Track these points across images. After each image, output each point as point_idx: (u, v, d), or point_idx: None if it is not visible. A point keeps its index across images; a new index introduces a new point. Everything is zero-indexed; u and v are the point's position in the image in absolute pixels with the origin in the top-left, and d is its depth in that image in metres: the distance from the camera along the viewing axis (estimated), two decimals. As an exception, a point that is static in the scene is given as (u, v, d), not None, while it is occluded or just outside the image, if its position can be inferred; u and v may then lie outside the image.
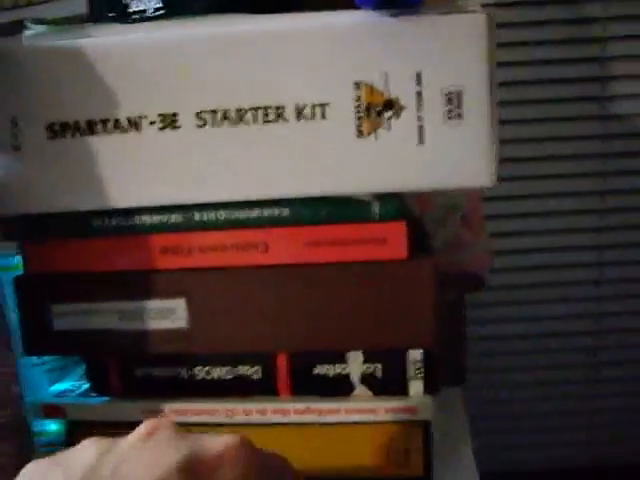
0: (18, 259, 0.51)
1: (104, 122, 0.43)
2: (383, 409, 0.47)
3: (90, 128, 0.43)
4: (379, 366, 0.47)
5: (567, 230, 1.41)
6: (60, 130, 0.43)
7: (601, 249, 1.42)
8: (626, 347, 1.45)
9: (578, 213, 1.41)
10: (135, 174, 0.44)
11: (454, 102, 0.41)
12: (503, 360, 1.46)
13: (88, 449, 0.30)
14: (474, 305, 1.30)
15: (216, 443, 0.30)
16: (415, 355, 0.46)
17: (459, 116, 0.42)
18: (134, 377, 0.49)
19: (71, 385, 0.53)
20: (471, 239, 0.77)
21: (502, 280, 1.38)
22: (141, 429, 0.31)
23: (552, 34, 1.32)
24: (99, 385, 0.50)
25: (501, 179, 0.43)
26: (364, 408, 0.47)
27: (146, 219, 0.45)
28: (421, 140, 0.42)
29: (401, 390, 0.47)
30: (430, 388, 0.47)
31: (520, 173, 1.35)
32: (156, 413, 0.48)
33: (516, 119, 1.31)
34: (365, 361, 0.47)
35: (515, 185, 1.36)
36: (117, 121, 0.43)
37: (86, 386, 0.52)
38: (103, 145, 0.43)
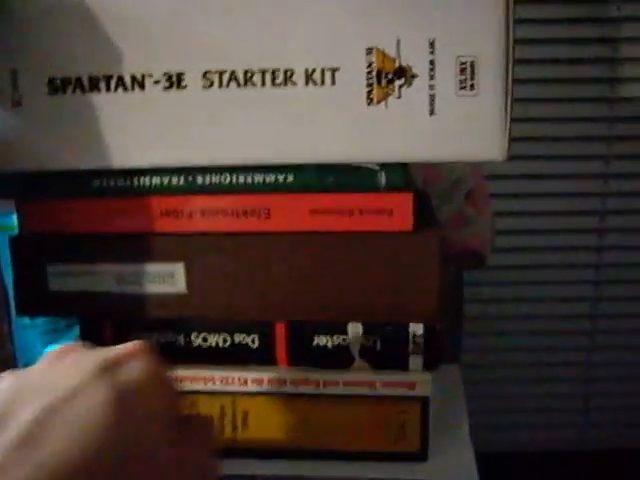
0: (16, 218, 0.50)
1: (107, 79, 0.42)
2: (381, 383, 0.46)
3: (92, 85, 0.42)
4: (379, 339, 0.46)
5: (568, 212, 1.40)
6: (61, 85, 0.42)
7: (601, 232, 1.41)
8: (624, 331, 1.45)
9: (580, 195, 1.40)
10: (138, 134, 0.42)
11: (467, 72, 0.40)
12: (501, 340, 1.46)
13: (5, 378, 0.31)
14: (474, 284, 1.30)
15: (123, 346, 0.34)
16: (416, 329, 0.46)
17: (472, 87, 0.41)
18: (129, 341, 0.48)
19: (65, 347, 0.53)
20: (475, 216, 0.77)
21: (502, 260, 1.38)
22: (51, 352, 0.34)
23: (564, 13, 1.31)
24: (93, 348, 0.49)
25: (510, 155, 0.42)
26: (362, 381, 0.46)
27: (147, 181, 0.44)
28: (432, 110, 0.41)
29: (400, 365, 0.46)
30: (430, 364, 0.46)
31: (525, 153, 1.34)
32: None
33: (521, 98, 1.30)
34: (365, 333, 0.46)
35: (519, 164, 1.36)
36: (121, 79, 0.42)
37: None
38: (105, 103, 0.42)
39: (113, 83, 0.42)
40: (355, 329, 0.46)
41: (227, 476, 0.45)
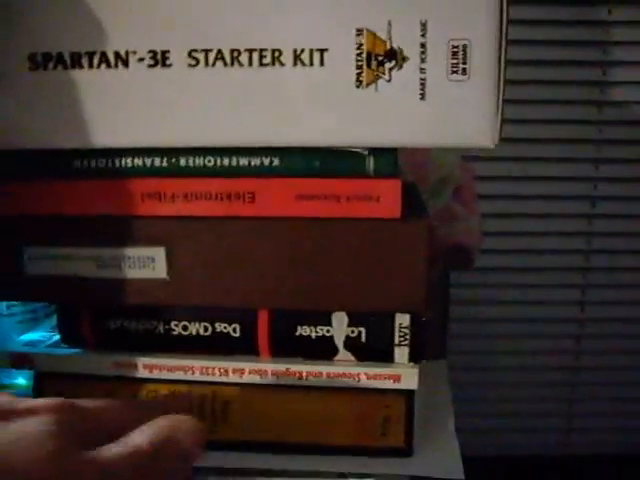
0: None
1: (90, 55, 0.40)
2: (366, 375, 0.45)
3: (74, 61, 0.41)
4: (364, 330, 0.45)
5: (557, 215, 1.40)
6: (42, 61, 0.41)
7: (590, 236, 1.41)
8: (610, 336, 1.45)
9: (569, 199, 1.40)
10: (121, 113, 0.41)
11: (459, 56, 0.39)
12: (486, 343, 1.45)
13: None
14: (460, 286, 1.30)
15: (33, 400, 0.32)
16: (402, 320, 0.44)
17: (464, 71, 0.40)
18: (107, 329, 0.47)
19: (41, 336, 0.51)
20: (463, 214, 0.76)
21: (489, 262, 1.37)
22: None
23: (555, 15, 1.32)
24: (70, 336, 0.48)
25: (502, 140, 0.41)
26: (346, 373, 0.45)
27: (129, 162, 0.43)
28: (423, 94, 0.40)
29: (386, 357, 0.45)
30: (416, 356, 0.45)
31: (515, 154, 1.34)
32: (128, 367, 0.46)
33: (514, 99, 1.30)
34: (350, 324, 0.45)
35: (509, 165, 1.35)
36: (104, 55, 0.40)
37: (57, 337, 0.49)
38: (88, 80, 0.41)
39: (96, 60, 0.40)
40: (339, 319, 0.45)
41: (207, 469, 0.44)
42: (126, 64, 0.40)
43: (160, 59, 0.40)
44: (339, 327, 0.45)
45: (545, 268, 1.42)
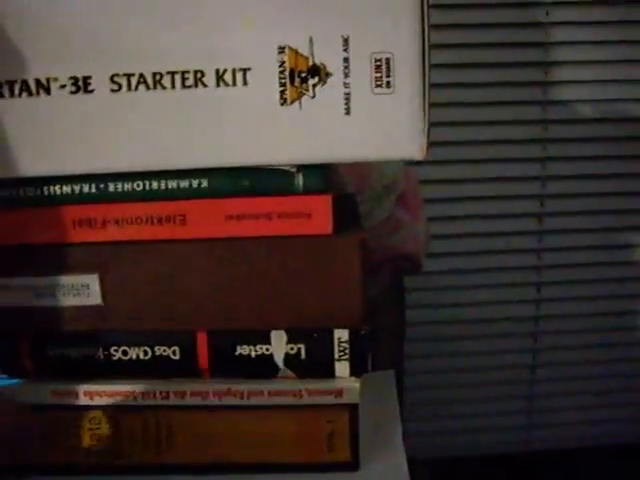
0: None
1: (10, 84, 0.40)
2: (307, 391, 0.45)
3: (-6, 91, 0.40)
4: (303, 347, 0.45)
5: (506, 215, 1.41)
6: (-38, 92, 0.40)
7: (540, 234, 1.43)
8: (566, 332, 1.46)
9: (518, 198, 1.41)
10: (46, 141, 0.41)
11: (383, 69, 0.40)
12: (442, 345, 1.46)
13: None
14: (413, 289, 1.30)
15: None
16: (341, 335, 0.44)
17: (388, 84, 0.40)
18: (47, 357, 0.46)
19: (-18, 367, 0.50)
20: (408, 220, 0.76)
21: (441, 265, 1.38)
22: None
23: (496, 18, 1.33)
24: (10, 365, 0.47)
25: (430, 149, 0.41)
26: (288, 390, 0.45)
27: (58, 190, 0.43)
28: (348, 109, 0.40)
29: (327, 372, 0.45)
30: (357, 370, 0.45)
31: (459, 157, 1.35)
32: (69, 395, 0.45)
33: (455, 102, 1.31)
34: (289, 342, 0.45)
35: (455, 168, 1.36)
36: (24, 83, 0.40)
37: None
38: (10, 109, 0.40)
39: (17, 88, 0.40)
40: (278, 337, 0.45)
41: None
42: (48, 91, 0.40)
43: (82, 85, 0.40)
44: (278, 345, 0.45)
45: (497, 268, 1.43)
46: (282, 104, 0.40)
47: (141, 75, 0.40)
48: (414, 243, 0.75)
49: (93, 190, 0.42)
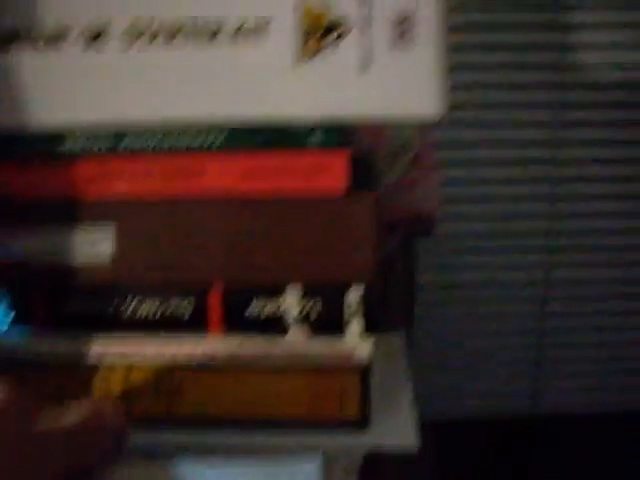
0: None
1: (25, 35, 0.40)
2: (319, 350, 0.45)
3: (7, 42, 0.40)
4: (315, 306, 0.45)
5: (520, 180, 1.41)
6: (-25, 43, 0.40)
7: (553, 200, 1.42)
8: (576, 298, 1.46)
9: (531, 162, 1.40)
10: (59, 93, 0.41)
11: (402, 26, 0.39)
12: (453, 308, 1.46)
13: None
14: (426, 252, 1.30)
15: None
16: (354, 295, 0.44)
17: (407, 43, 0.39)
18: (59, 313, 0.46)
19: (-6, 321, 0.51)
20: (422, 181, 0.76)
21: (455, 228, 1.38)
22: None
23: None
24: (23, 319, 0.48)
25: (448, 112, 0.41)
26: (299, 348, 0.45)
27: (71, 144, 0.42)
28: (365, 66, 0.39)
29: (338, 331, 0.45)
30: (369, 329, 0.45)
31: (474, 119, 1.34)
32: (80, 350, 0.46)
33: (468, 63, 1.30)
34: (302, 299, 0.45)
35: (469, 132, 1.35)
36: (39, 35, 0.40)
37: (9, 319, 0.49)
38: (23, 62, 0.40)
39: (32, 40, 0.40)
40: (291, 294, 0.45)
41: (162, 448, 0.44)
42: (63, 43, 0.40)
43: (97, 37, 0.40)
44: (291, 302, 0.45)
45: (508, 233, 1.42)
46: (300, 60, 0.39)
47: (155, 32, 0.39)
48: (427, 204, 0.74)
49: (107, 145, 0.42)
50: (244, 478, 0.34)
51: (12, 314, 0.48)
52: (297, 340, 0.45)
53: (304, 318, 0.45)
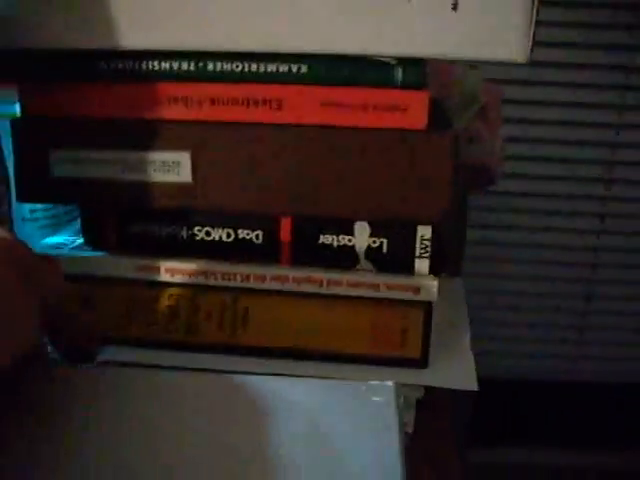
0: (18, 105, 0.48)
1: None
2: (386, 285, 0.45)
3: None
4: (385, 241, 0.45)
5: (579, 142, 1.39)
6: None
7: (610, 164, 1.40)
8: (625, 266, 1.45)
9: (592, 125, 1.39)
10: (145, 14, 0.41)
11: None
12: (502, 267, 1.46)
13: None
14: (478, 209, 1.30)
15: None
16: (424, 233, 0.45)
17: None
18: (131, 233, 0.47)
19: (64, 239, 0.52)
20: (486, 134, 0.75)
21: (509, 187, 1.37)
22: None
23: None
24: (94, 239, 0.49)
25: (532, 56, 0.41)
26: (367, 282, 0.45)
27: (156, 65, 0.43)
28: (455, 4, 0.39)
29: (406, 268, 0.46)
30: (435, 269, 0.46)
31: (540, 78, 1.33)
32: (150, 270, 0.47)
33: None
34: (372, 234, 0.45)
35: (536, 90, 1.34)
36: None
37: (80, 241, 0.50)
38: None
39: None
40: (361, 229, 0.45)
41: (225, 373, 0.45)
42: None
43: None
44: (361, 237, 0.45)
45: (564, 195, 1.41)
46: (388, -5, 0.39)
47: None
48: (490, 157, 0.74)
49: (191, 68, 0.43)
50: (330, 391, 0.35)
51: (82, 238, 0.49)
52: (365, 274, 0.46)
53: (373, 253, 0.45)
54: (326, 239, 0.45)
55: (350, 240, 0.45)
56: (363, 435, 0.32)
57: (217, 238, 0.46)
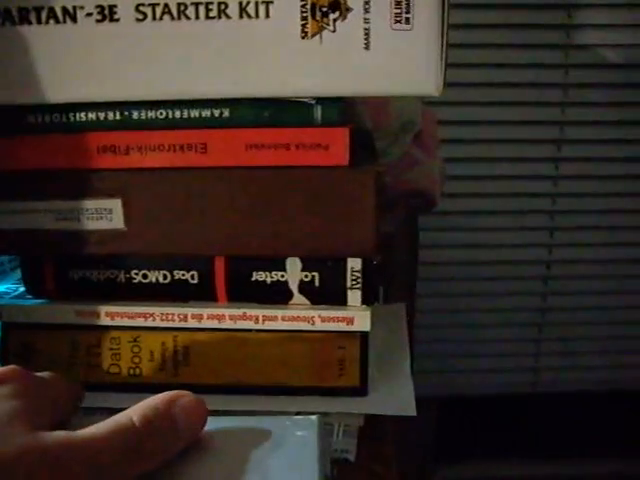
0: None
1: (37, 10, 0.41)
2: (320, 318, 0.46)
3: (22, 17, 0.41)
4: (317, 274, 0.46)
5: (523, 159, 1.42)
6: (-9, 17, 0.41)
7: (555, 179, 1.43)
8: (576, 277, 1.47)
9: (536, 142, 1.41)
10: (71, 68, 0.42)
11: (403, 5, 0.40)
12: (456, 285, 1.47)
13: None
14: (428, 229, 1.31)
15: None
16: (354, 264, 0.46)
17: (407, 21, 0.40)
18: (70, 279, 0.48)
19: (7, 288, 0.52)
20: (423, 159, 0.77)
21: (458, 206, 1.39)
22: None
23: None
24: (35, 287, 0.49)
25: (447, 87, 0.42)
26: (301, 316, 0.46)
27: (83, 116, 0.44)
28: (367, 44, 0.41)
29: (339, 300, 0.47)
30: (368, 299, 0.47)
31: (475, 98, 1.35)
32: (91, 315, 0.47)
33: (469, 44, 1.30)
34: (303, 269, 0.46)
35: (472, 110, 1.36)
36: (51, 10, 0.41)
37: (22, 289, 0.50)
38: (37, 36, 0.41)
39: (44, 15, 0.41)
40: (293, 264, 0.46)
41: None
42: (74, 19, 0.41)
43: (108, 14, 0.41)
44: (293, 272, 0.46)
45: (511, 211, 1.44)
46: (303, 37, 0.41)
47: (166, 5, 0.41)
48: (429, 181, 0.76)
49: (117, 117, 0.44)
50: (254, 426, 0.36)
51: (24, 286, 0.50)
52: (299, 307, 0.47)
53: (306, 287, 0.47)
54: (259, 276, 0.46)
55: (283, 276, 0.46)
56: (282, 470, 0.32)
57: (154, 280, 0.47)
